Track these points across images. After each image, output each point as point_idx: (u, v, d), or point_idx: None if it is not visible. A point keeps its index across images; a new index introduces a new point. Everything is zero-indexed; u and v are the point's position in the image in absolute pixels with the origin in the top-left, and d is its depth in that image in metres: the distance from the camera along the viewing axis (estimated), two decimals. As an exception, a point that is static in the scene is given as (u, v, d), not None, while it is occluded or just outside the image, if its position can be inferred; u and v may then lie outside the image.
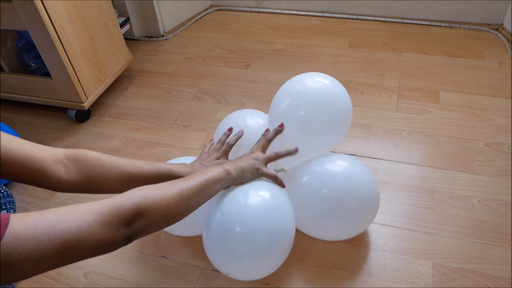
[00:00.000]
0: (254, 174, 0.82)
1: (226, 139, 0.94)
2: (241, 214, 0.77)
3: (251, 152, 0.86)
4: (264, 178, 0.85)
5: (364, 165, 0.93)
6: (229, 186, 0.81)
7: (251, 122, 1.00)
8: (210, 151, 0.92)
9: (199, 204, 0.71)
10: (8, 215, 0.47)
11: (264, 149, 0.87)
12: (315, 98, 0.88)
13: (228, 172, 0.77)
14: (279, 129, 0.88)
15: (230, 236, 0.77)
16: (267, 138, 0.88)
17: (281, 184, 0.86)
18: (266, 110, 1.38)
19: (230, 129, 0.95)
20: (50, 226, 0.49)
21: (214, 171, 0.75)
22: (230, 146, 0.92)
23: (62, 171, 0.68)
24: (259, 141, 0.88)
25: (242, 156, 0.85)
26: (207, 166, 0.81)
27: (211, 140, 0.99)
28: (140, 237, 0.60)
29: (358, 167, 0.90)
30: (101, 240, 0.53)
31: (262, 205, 0.79)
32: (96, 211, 0.54)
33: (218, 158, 0.88)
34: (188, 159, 0.92)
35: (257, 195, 0.80)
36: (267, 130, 0.90)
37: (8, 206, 0.89)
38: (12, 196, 0.91)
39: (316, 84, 0.90)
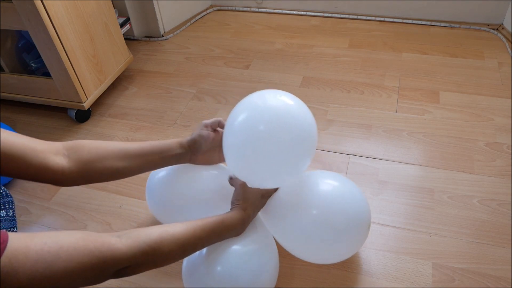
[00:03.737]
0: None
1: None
2: (224, 253, 0.76)
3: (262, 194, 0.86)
4: None
5: (353, 183, 0.88)
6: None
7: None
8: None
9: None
10: (6, 235, 0.47)
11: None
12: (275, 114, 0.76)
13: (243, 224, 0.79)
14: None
15: (211, 275, 0.76)
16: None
17: None
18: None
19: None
20: (50, 264, 0.49)
21: (233, 232, 0.77)
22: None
23: (63, 161, 0.70)
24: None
25: (252, 194, 0.83)
26: (230, 215, 0.78)
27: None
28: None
29: (349, 186, 0.86)
30: (88, 282, 0.55)
31: (245, 248, 0.78)
32: (98, 255, 0.54)
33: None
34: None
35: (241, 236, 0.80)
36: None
37: (7, 206, 0.89)
38: (11, 196, 0.91)
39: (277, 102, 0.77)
